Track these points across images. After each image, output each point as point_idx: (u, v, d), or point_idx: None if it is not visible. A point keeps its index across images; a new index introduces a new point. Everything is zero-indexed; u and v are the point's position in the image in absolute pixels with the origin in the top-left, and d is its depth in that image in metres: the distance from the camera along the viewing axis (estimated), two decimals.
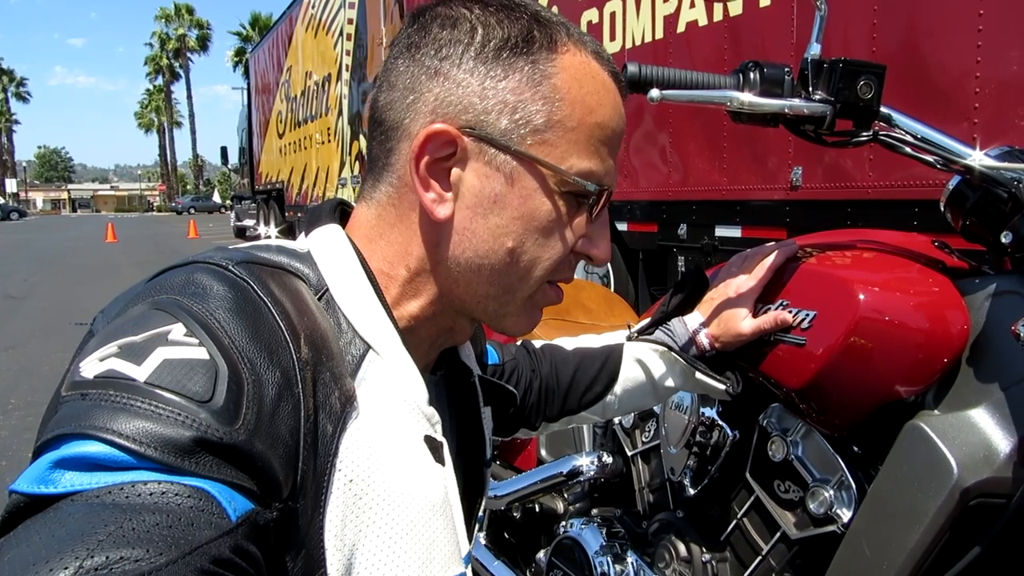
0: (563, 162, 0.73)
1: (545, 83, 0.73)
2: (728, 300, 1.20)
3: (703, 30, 4.54)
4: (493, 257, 0.75)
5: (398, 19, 9.09)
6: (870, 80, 1.06)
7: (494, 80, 0.72)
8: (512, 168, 0.73)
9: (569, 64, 0.74)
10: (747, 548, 1.32)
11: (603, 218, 0.80)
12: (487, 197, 0.73)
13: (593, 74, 0.76)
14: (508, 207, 0.73)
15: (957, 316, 1.03)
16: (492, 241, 0.74)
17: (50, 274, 13.98)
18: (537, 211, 0.74)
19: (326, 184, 12.81)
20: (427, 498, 0.70)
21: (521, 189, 0.73)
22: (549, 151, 0.73)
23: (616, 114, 0.77)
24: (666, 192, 4.97)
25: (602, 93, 0.76)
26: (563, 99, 0.73)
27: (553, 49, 0.74)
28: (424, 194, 0.73)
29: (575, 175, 0.74)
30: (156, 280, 0.64)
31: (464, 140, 0.72)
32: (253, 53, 20.11)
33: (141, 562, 0.45)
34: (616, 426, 1.75)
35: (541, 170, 0.73)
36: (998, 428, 0.98)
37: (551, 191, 0.74)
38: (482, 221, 0.74)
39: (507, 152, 0.73)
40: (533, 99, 0.72)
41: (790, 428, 1.23)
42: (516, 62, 0.72)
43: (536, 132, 0.72)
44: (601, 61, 0.77)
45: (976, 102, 2.99)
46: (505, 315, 0.80)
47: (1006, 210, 1.01)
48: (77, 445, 0.50)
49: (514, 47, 0.72)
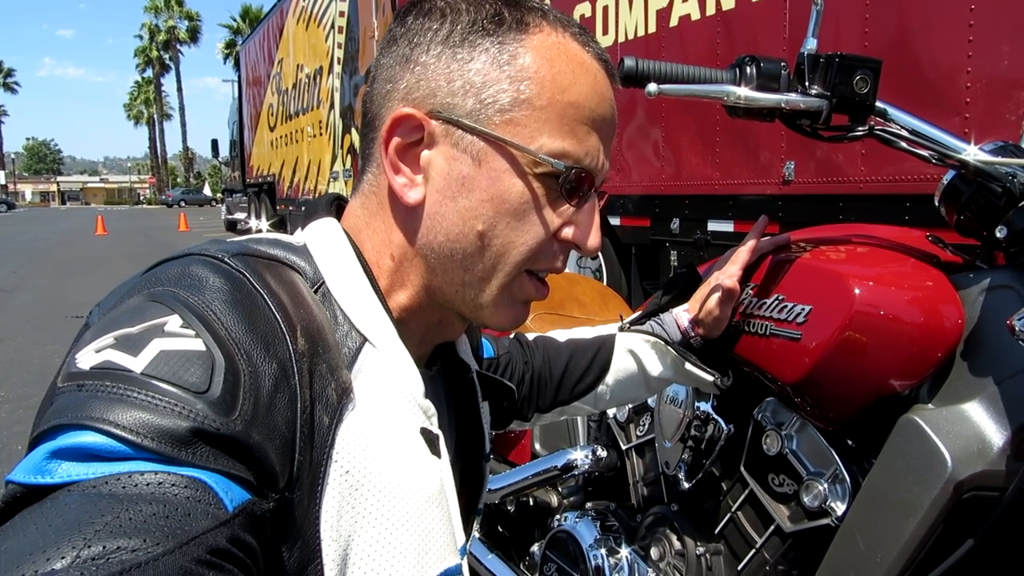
0: (532, 142, 0.72)
1: (512, 63, 0.72)
2: (710, 287, 1.22)
3: (696, 24, 4.54)
4: (464, 241, 0.74)
5: (390, 12, 9.06)
6: (866, 75, 1.07)
7: (460, 63, 0.72)
8: (479, 149, 0.72)
9: (540, 43, 0.73)
10: (741, 541, 1.33)
11: (590, 204, 0.78)
12: (455, 179, 0.73)
13: (569, 54, 0.74)
14: (477, 189, 0.73)
15: (951, 310, 1.04)
16: (462, 224, 0.73)
17: (40, 267, 13.92)
18: (507, 193, 0.72)
19: (318, 177, 12.78)
20: (423, 490, 0.70)
21: (489, 170, 0.72)
22: (517, 131, 0.72)
23: (595, 94, 0.75)
24: (659, 187, 4.97)
25: (579, 72, 0.74)
26: (531, 78, 0.72)
27: (524, 30, 0.73)
28: (394, 178, 0.74)
29: (545, 155, 0.72)
30: (152, 272, 0.64)
31: (431, 123, 0.73)
32: (244, 45, 20.02)
33: (138, 552, 0.45)
34: (610, 420, 1.75)
35: (510, 151, 0.72)
36: (992, 422, 0.98)
37: (523, 172, 0.72)
38: (451, 204, 0.73)
39: (473, 133, 0.72)
40: (499, 79, 0.72)
41: (785, 422, 1.24)
42: (482, 43, 0.72)
43: (502, 112, 0.72)
44: (582, 41, 0.76)
45: (968, 97, 3.00)
46: (482, 306, 0.78)
47: (1000, 205, 1.02)
48: (74, 435, 0.50)
49: (481, 29, 0.73)
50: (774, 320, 1.15)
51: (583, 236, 0.77)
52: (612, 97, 0.77)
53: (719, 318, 1.21)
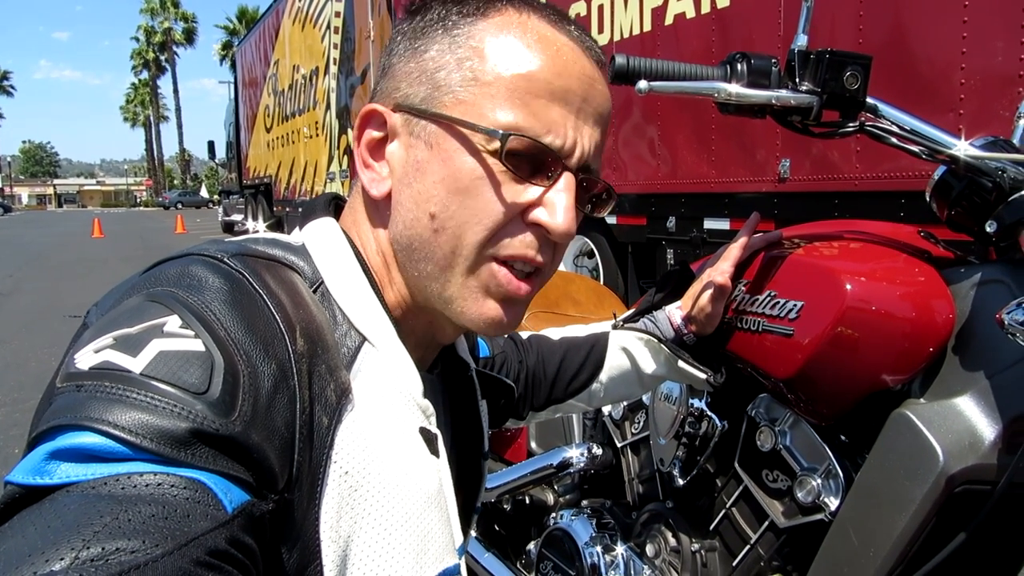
0: (482, 119, 0.70)
1: (464, 45, 0.72)
2: (702, 284, 1.23)
3: (691, 22, 4.55)
4: (418, 226, 0.72)
5: (386, 12, 9.05)
6: (856, 71, 1.07)
7: (419, 54, 0.74)
8: (432, 132, 0.72)
9: (495, 23, 0.72)
10: (736, 537, 1.33)
11: (561, 184, 0.72)
12: (411, 166, 0.73)
13: (527, 29, 0.72)
14: (429, 172, 0.72)
15: (943, 305, 1.04)
16: (415, 208, 0.72)
17: (36, 269, 13.88)
18: (458, 171, 0.70)
19: (314, 178, 12.76)
20: (422, 490, 0.70)
21: (440, 151, 0.71)
22: (467, 109, 0.70)
23: (556, 66, 0.71)
24: (655, 185, 4.98)
25: (536, 45, 0.71)
26: (480, 56, 0.71)
27: (484, 15, 0.73)
28: (363, 174, 0.76)
29: (494, 128, 0.69)
30: (151, 272, 0.64)
31: (392, 116, 0.74)
32: (240, 47, 19.99)
33: (137, 553, 0.45)
34: (606, 418, 1.76)
35: (460, 130, 0.70)
36: (983, 416, 0.99)
37: (474, 150, 0.70)
38: (407, 191, 0.73)
39: (425, 117, 0.72)
40: (450, 63, 0.72)
41: (778, 418, 1.24)
42: (438, 33, 0.73)
43: (451, 92, 0.72)
44: (550, 21, 0.74)
45: (962, 93, 3.00)
46: (452, 299, 0.74)
47: (991, 199, 1.02)
48: (73, 436, 0.50)
49: (441, 21, 0.74)
50: (767, 316, 1.16)
51: (550, 217, 0.72)
52: (586, 73, 0.73)
53: (711, 315, 1.21)
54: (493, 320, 0.75)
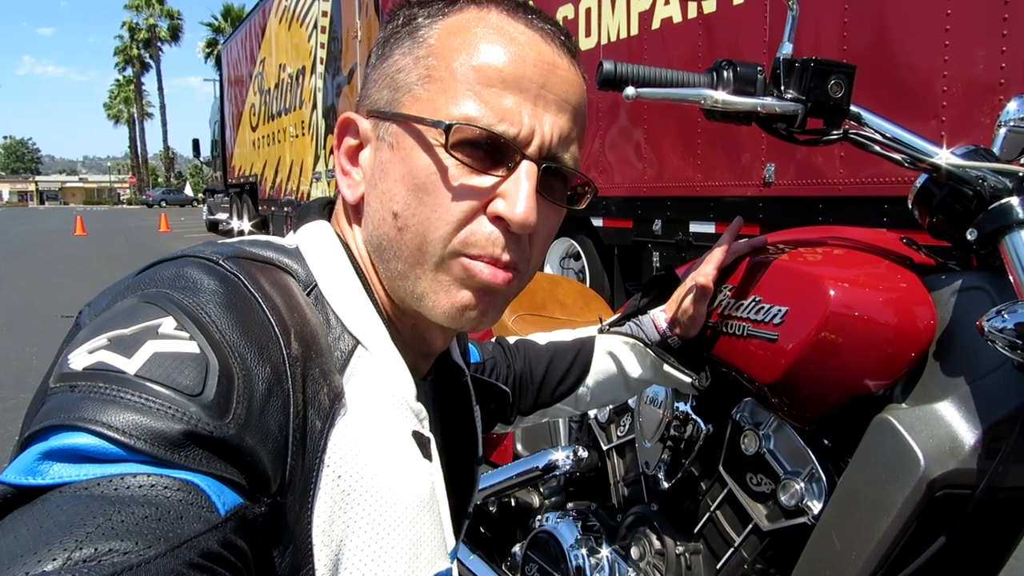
0: (435, 113, 0.70)
1: (422, 46, 0.73)
2: (686, 288, 1.24)
3: (678, 27, 4.58)
4: (384, 226, 0.73)
5: (373, 13, 9.03)
6: (840, 79, 1.09)
7: (384, 60, 0.75)
8: (393, 133, 0.73)
9: (452, 21, 0.73)
10: (720, 540, 1.35)
11: (523, 172, 0.70)
12: (378, 168, 0.74)
13: (483, 23, 0.72)
14: (391, 171, 0.72)
15: (924, 311, 1.06)
16: (381, 208, 0.73)
17: (18, 267, 13.75)
18: (415, 168, 0.70)
19: (300, 178, 12.71)
20: (414, 494, 0.70)
21: (400, 150, 0.72)
22: (421, 106, 0.71)
23: (511, 54, 0.70)
24: (641, 188, 5.00)
25: (491, 37, 0.71)
26: (435, 54, 0.71)
27: (445, 16, 0.73)
28: (340, 180, 0.77)
29: (446, 120, 0.68)
30: (145, 273, 0.64)
31: (363, 123, 0.76)
32: (225, 44, 19.90)
33: (130, 555, 0.45)
34: (591, 421, 1.76)
35: (416, 127, 0.71)
36: (963, 421, 1.00)
37: (429, 146, 0.70)
38: (374, 192, 0.74)
39: (387, 119, 0.74)
40: (409, 64, 0.73)
41: (762, 422, 1.25)
42: (402, 38, 0.74)
43: (409, 92, 0.72)
44: (513, 15, 0.73)
45: (944, 100, 3.04)
46: (424, 294, 0.73)
47: (971, 207, 1.03)
48: (66, 437, 0.49)
49: (405, 26, 0.75)
50: (751, 321, 1.17)
51: (507, 207, 0.69)
52: (544, 59, 0.72)
53: (694, 317, 1.23)
54: (466, 307, 0.73)
